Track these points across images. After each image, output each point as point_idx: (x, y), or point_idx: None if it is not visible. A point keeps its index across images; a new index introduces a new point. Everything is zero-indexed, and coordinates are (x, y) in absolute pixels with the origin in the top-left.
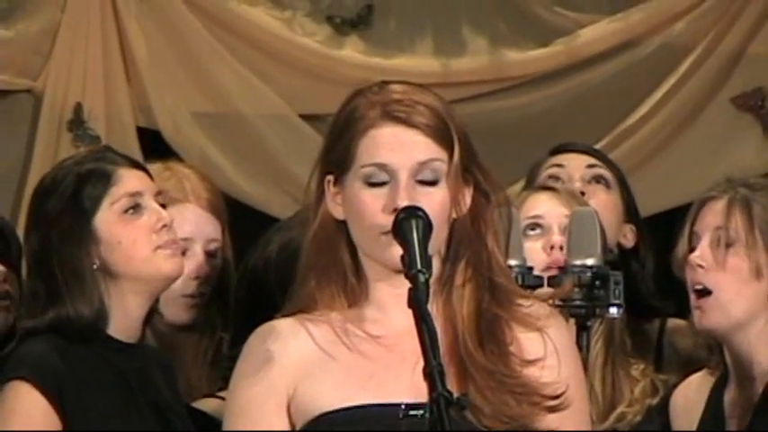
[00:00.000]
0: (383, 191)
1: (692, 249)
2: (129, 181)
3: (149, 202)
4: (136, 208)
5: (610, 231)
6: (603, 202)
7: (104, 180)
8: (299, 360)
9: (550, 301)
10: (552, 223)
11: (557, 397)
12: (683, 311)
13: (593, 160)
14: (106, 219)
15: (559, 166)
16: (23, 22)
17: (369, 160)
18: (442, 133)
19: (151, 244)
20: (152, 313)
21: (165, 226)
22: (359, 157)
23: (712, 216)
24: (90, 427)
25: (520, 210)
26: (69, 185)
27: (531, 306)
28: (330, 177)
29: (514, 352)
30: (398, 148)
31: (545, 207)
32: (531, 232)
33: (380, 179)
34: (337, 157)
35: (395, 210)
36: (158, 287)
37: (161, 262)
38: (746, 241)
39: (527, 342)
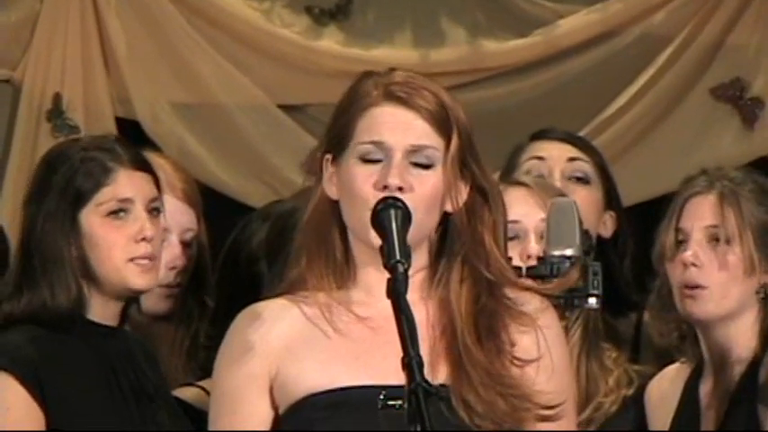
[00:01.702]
0: (376, 168)
1: (678, 246)
2: (123, 185)
3: (138, 211)
4: (122, 213)
5: (589, 227)
6: (582, 200)
7: (100, 176)
8: (283, 342)
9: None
10: (529, 230)
11: (551, 407)
12: None
13: (574, 151)
14: (91, 216)
15: (540, 158)
16: (2, 13)
17: (366, 138)
18: (441, 121)
19: (127, 254)
20: (131, 301)
21: (144, 239)
22: (357, 135)
23: (704, 213)
24: (72, 416)
25: None
26: (69, 168)
27: (529, 303)
28: (329, 156)
29: (512, 352)
30: (396, 127)
31: (521, 211)
32: (509, 241)
33: (375, 156)
34: (337, 133)
35: (384, 187)
36: (126, 296)
37: (130, 275)
38: (740, 238)
39: (523, 341)
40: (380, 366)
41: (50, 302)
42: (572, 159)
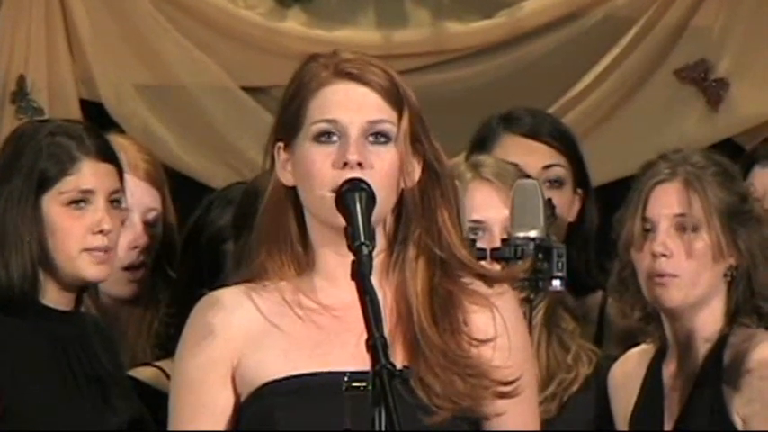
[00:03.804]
0: (332, 148)
1: (645, 234)
2: (86, 176)
3: (98, 203)
4: (83, 203)
5: (562, 225)
6: (556, 201)
7: (65, 164)
8: (244, 330)
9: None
10: (495, 230)
11: (508, 383)
12: None
13: (548, 154)
14: (52, 203)
15: (514, 165)
16: None
17: (320, 117)
18: (393, 95)
19: (81, 245)
20: (86, 287)
21: (101, 232)
22: (310, 116)
23: (671, 201)
24: (24, 400)
25: (463, 195)
26: (35, 152)
27: (486, 285)
28: (280, 144)
29: (467, 332)
30: (350, 105)
31: (486, 212)
32: (474, 236)
33: (330, 135)
34: (289, 119)
35: (344, 164)
36: (78, 285)
37: (82, 265)
38: (708, 225)
39: (479, 321)
40: (339, 353)
41: (4, 281)
42: (547, 167)
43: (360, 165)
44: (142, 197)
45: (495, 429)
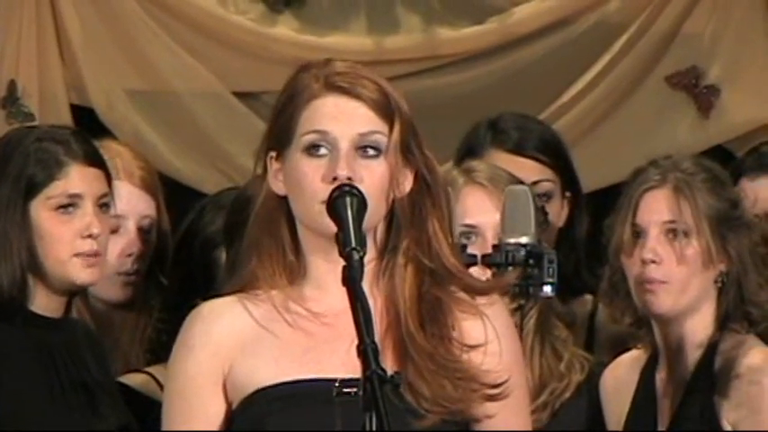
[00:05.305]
0: (323, 161)
1: (635, 240)
2: (74, 180)
3: (86, 207)
4: (71, 208)
5: (552, 232)
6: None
7: (52, 169)
8: (236, 338)
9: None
10: (487, 234)
11: (496, 386)
12: None
13: (536, 169)
14: (40, 208)
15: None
16: None
17: (310, 128)
18: (384, 108)
19: (71, 249)
20: (76, 293)
21: (90, 236)
22: (300, 127)
23: (660, 208)
24: (10, 407)
25: (455, 199)
26: (23, 158)
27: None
28: (272, 154)
29: (456, 337)
30: (340, 117)
31: (479, 216)
32: (466, 241)
33: (320, 147)
34: (280, 130)
35: (334, 179)
36: (69, 290)
37: (73, 269)
38: (698, 231)
39: (468, 327)
40: (329, 361)
41: None
42: (535, 183)
43: (349, 179)
44: (137, 204)
45: (485, 431)
